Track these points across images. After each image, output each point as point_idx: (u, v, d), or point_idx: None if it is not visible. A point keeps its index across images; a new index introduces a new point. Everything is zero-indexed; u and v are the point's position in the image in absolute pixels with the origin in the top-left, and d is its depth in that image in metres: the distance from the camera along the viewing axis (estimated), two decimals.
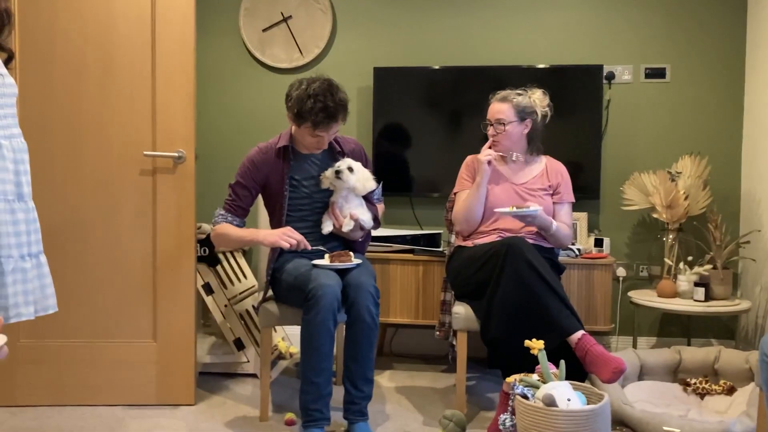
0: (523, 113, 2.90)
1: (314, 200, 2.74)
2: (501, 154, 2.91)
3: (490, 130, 2.92)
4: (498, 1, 3.76)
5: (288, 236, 2.57)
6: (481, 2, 3.77)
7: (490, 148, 2.91)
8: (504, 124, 2.88)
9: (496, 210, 2.81)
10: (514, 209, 2.72)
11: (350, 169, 2.66)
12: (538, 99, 2.94)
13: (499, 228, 2.86)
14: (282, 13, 3.85)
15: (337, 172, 2.65)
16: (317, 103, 2.50)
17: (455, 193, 3.03)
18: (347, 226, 2.68)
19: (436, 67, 3.71)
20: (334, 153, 2.76)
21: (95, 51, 2.78)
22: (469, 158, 3.05)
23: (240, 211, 2.70)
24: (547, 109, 2.95)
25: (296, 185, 2.72)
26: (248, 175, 2.69)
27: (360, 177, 2.69)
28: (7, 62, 1.77)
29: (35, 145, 2.86)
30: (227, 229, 2.67)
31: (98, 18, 2.77)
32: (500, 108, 2.89)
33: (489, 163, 2.86)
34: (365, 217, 2.73)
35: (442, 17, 3.79)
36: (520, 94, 2.92)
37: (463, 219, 2.91)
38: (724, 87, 3.63)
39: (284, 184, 2.69)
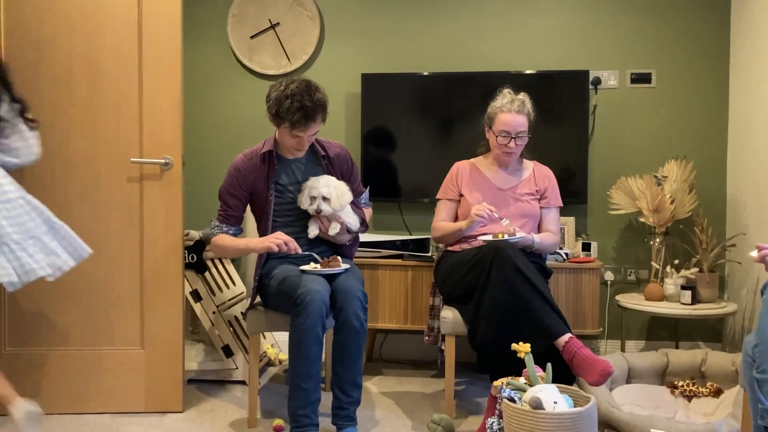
0: (531, 122, 2.92)
1: None
2: (497, 215, 2.79)
3: (511, 143, 2.88)
4: (486, 8, 3.78)
5: (276, 238, 2.56)
6: (470, 9, 3.79)
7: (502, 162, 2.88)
8: (525, 136, 2.89)
9: (479, 237, 2.79)
10: (504, 236, 2.70)
11: (325, 199, 2.63)
12: (531, 105, 2.95)
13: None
14: (270, 20, 3.86)
15: (317, 212, 2.64)
16: (294, 103, 2.50)
17: (438, 199, 3.05)
18: (333, 230, 2.68)
19: (425, 74, 3.73)
20: (318, 157, 2.76)
21: (82, 57, 2.77)
22: (455, 167, 3.06)
23: (233, 220, 2.71)
24: None
25: (282, 190, 2.72)
26: (235, 183, 2.69)
27: (335, 201, 2.64)
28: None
29: None
30: (224, 240, 2.70)
31: (85, 25, 2.77)
32: (521, 121, 2.87)
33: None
34: (351, 219, 2.74)
35: (431, 24, 3.81)
36: (521, 100, 2.91)
37: (438, 238, 3.01)
38: (709, 91, 3.66)
39: (269, 189, 2.69)
